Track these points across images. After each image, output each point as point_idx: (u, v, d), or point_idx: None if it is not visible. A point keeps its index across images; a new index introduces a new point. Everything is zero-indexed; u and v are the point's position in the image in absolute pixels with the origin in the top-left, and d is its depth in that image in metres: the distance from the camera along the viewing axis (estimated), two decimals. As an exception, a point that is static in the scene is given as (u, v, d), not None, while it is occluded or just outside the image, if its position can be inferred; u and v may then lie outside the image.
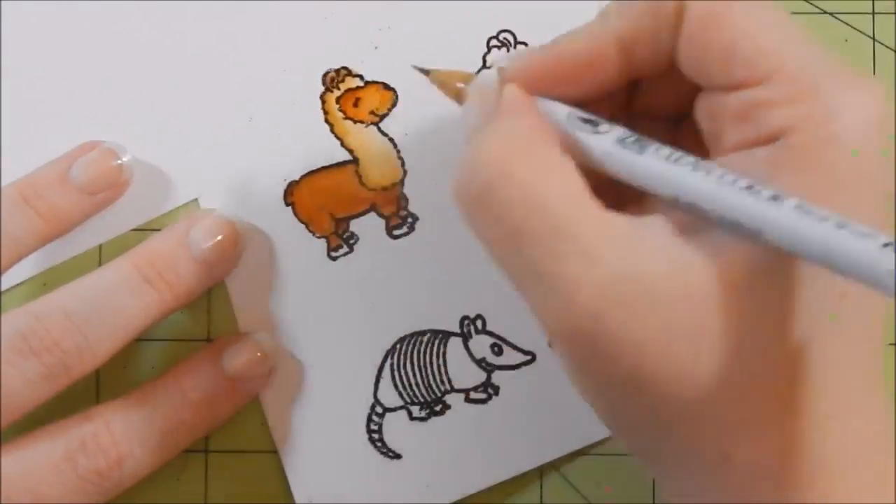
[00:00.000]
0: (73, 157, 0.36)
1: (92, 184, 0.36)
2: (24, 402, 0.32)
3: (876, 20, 0.38)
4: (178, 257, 0.35)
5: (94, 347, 0.33)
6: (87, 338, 0.33)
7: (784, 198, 0.25)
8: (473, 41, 0.38)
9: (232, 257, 0.37)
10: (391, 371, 0.38)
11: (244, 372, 0.36)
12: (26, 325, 0.32)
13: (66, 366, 0.32)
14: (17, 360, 0.32)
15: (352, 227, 0.38)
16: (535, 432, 0.38)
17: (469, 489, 0.37)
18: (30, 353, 0.32)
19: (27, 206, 0.35)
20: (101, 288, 0.34)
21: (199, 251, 0.35)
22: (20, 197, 0.35)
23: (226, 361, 0.36)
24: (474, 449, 0.38)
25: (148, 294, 0.34)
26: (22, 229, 0.34)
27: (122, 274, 0.34)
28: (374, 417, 0.38)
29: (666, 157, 0.27)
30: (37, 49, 0.37)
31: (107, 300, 0.34)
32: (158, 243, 0.35)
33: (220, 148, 0.38)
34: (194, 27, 0.38)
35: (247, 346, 0.36)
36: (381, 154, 0.38)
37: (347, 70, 0.38)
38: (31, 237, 0.35)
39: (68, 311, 0.33)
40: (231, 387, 0.36)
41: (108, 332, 0.33)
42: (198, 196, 0.38)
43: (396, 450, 0.38)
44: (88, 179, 0.36)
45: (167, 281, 0.34)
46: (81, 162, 0.36)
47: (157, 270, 0.34)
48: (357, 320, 0.38)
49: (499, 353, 0.38)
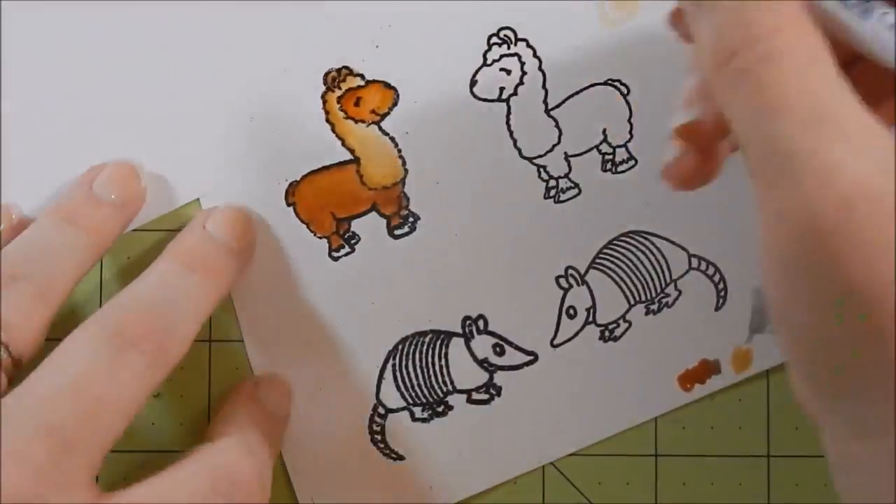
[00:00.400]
0: (89, 178, 0.36)
1: (119, 195, 0.36)
2: (134, 398, 0.32)
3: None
4: (207, 247, 0.35)
5: (180, 330, 0.33)
6: (171, 321, 0.33)
7: None
8: (474, 39, 0.38)
9: (252, 240, 0.37)
10: (393, 372, 0.38)
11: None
12: (116, 321, 0.32)
13: (164, 350, 0.32)
14: (120, 355, 0.31)
15: (353, 227, 0.38)
16: (538, 432, 0.38)
17: (471, 490, 0.38)
18: (129, 345, 0.32)
19: (74, 225, 0.35)
20: (158, 282, 0.34)
21: (220, 240, 0.36)
22: (60, 220, 0.35)
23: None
24: (477, 450, 0.38)
25: (198, 281, 0.34)
26: (78, 246, 0.35)
27: (169, 268, 0.34)
28: (376, 418, 0.38)
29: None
30: (36, 49, 0.37)
31: (169, 290, 0.34)
32: (184, 239, 0.36)
33: (221, 148, 0.38)
34: (195, 27, 0.37)
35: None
36: (381, 153, 0.38)
37: (348, 69, 0.38)
38: (90, 253, 0.35)
39: (146, 300, 0.33)
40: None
41: (184, 315, 0.33)
42: (199, 196, 0.38)
43: (399, 451, 0.38)
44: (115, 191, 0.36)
45: (209, 267, 0.35)
46: (101, 179, 0.36)
47: (196, 261, 0.35)
48: (359, 321, 0.38)
49: (501, 354, 0.38)
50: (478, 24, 0.38)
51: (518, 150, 0.38)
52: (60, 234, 0.35)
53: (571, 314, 0.38)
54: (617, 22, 0.38)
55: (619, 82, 0.38)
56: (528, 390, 0.38)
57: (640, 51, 0.38)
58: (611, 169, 0.38)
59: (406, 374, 0.38)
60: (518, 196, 0.38)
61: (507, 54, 0.38)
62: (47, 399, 0.30)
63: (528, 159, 0.38)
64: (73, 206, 0.36)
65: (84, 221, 0.35)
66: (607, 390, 0.39)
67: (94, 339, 0.32)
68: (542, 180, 0.38)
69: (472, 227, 0.38)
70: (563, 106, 0.38)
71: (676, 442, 0.39)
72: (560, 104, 0.38)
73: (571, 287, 0.38)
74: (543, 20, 0.38)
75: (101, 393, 0.31)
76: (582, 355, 0.38)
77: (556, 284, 0.38)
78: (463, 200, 0.38)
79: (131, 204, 0.36)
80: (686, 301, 0.39)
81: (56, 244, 0.34)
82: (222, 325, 0.38)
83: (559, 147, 0.38)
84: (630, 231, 0.39)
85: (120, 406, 0.31)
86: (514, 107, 0.38)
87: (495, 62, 0.38)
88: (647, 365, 0.39)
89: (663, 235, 0.39)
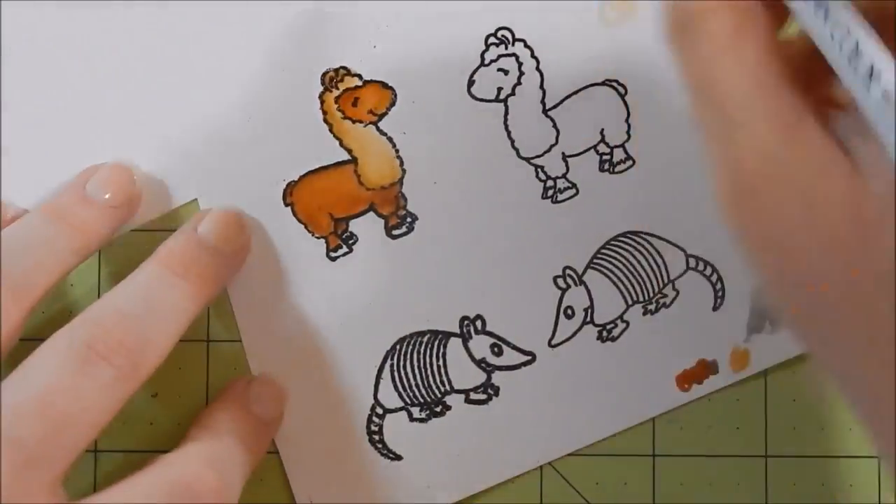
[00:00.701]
0: (84, 179, 0.36)
1: (112, 197, 0.36)
2: (102, 411, 0.31)
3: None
4: (196, 252, 0.35)
5: (155, 342, 0.33)
6: (146, 333, 0.32)
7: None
8: (472, 39, 0.38)
9: (244, 244, 0.37)
10: (391, 372, 0.38)
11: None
12: (87, 333, 0.32)
13: (134, 363, 0.32)
14: (88, 369, 0.31)
15: (351, 228, 0.38)
16: (535, 432, 0.38)
17: (469, 490, 0.37)
18: (98, 358, 0.31)
19: (61, 222, 0.35)
20: (140, 287, 0.34)
21: (211, 243, 0.35)
22: (51, 216, 0.35)
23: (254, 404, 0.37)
24: (474, 449, 0.38)
25: (183, 287, 0.34)
26: (61, 244, 0.34)
27: (154, 273, 0.34)
28: (374, 418, 0.38)
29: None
30: (35, 49, 0.37)
31: (150, 296, 0.33)
32: (174, 243, 0.35)
33: (218, 148, 0.38)
34: (193, 27, 0.37)
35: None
36: (379, 153, 0.38)
37: (346, 69, 0.38)
38: (72, 251, 0.34)
39: (122, 311, 0.33)
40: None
41: (162, 326, 0.33)
42: (197, 196, 0.38)
43: (397, 451, 0.38)
44: (108, 192, 0.36)
45: (195, 272, 0.34)
46: (95, 180, 0.36)
47: (183, 266, 0.34)
48: (356, 321, 0.38)
49: (499, 354, 0.38)
50: (475, 25, 0.38)
51: (516, 151, 0.38)
52: (46, 231, 0.34)
53: (569, 314, 0.38)
54: (615, 22, 0.38)
55: (616, 82, 0.38)
56: (526, 390, 0.38)
57: (638, 51, 0.38)
58: (609, 169, 0.38)
59: (404, 374, 0.38)
60: (516, 196, 0.38)
61: (505, 54, 0.38)
62: (12, 412, 0.30)
63: (526, 159, 0.38)
64: (64, 203, 0.35)
65: (72, 220, 0.35)
66: (605, 390, 0.39)
67: (63, 352, 0.31)
68: (539, 180, 0.38)
69: (470, 228, 0.38)
70: (560, 106, 0.38)
71: (674, 442, 0.39)
72: (558, 104, 0.38)
73: (569, 287, 0.38)
74: (541, 20, 0.38)
75: (66, 408, 0.30)
76: (580, 355, 0.38)
77: (554, 284, 0.38)
78: (461, 200, 0.38)
79: (124, 206, 0.36)
80: (684, 301, 0.39)
81: (40, 240, 0.34)
82: (220, 325, 0.38)
83: (557, 147, 0.38)
84: (628, 231, 0.39)
85: (87, 420, 0.31)
86: (511, 107, 0.38)
87: (493, 62, 0.38)
88: (645, 365, 0.39)
89: (661, 236, 0.39)
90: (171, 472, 0.32)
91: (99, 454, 0.38)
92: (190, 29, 0.37)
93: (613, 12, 0.38)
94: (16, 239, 0.34)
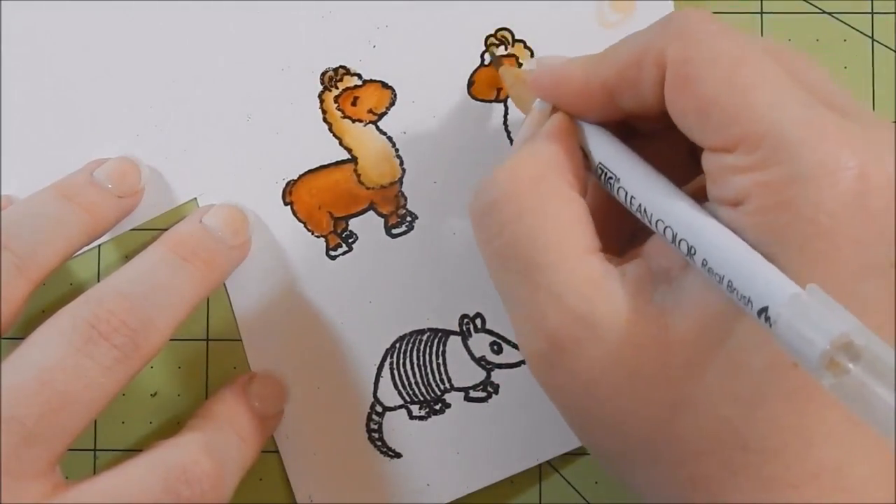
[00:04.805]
0: (93, 166, 0.36)
1: (117, 187, 0.36)
2: (102, 391, 0.31)
3: (875, 20, 0.38)
4: (203, 238, 0.35)
5: (158, 323, 0.32)
6: (149, 315, 0.32)
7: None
8: (471, 39, 0.38)
9: (247, 238, 0.37)
10: (391, 370, 0.38)
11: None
12: (90, 313, 0.32)
13: (136, 344, 0.32)
14: (90, 349, 0.31)
15: (351, 227, 0.38)
16: (535, 431, 0.38)
17: (468, 488, 0.37)
18: (100, 338, 0.31)
19: (71, 201, 0.35)
20: (145, 270, 0.34)
21: (217, 233, 0.36)
22: (62, 195, 0.35)
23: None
24: (474, 447, 0.38)
25: (189, 271, 0.34)
26: (71, 222, 0.34)
27: (160, 256, 0.34)
28: (373, 416, 0.38)
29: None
30: (36, 48, 0.37)
31: (155, 279, 0.33)
32: (182, 227, 0.36)
33: (218, 147, 0.38)
34: (192, 26, 0.38)
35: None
36: (379, 153, 0.38)
37: (346, 69, 0.38)
38: (80, 231, 0.34)
39: (125, 292, 0.32)
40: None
41: (165, 307, 0.33)
42: (196, 196, 0.38)
43: (396, 449, 0.38)
44: (113, 183, 0.36)
45: (202, 258, 0.35)
46: (103, 168, 0.36)
47: (190, 250, 0.34)
48: (356, 319, 0.38)
49: (498, 352, 0.38)
50: (475, 25, 0.38)
51: (515, 150, 0.38)
52: (55, 208, 0.34)
53: (569, 313, 0.38)
54: (614, 23, 0.38)
55: (616, 82, 0.38)
56: (526, 388, 0.38)
57: (637, 51, 0.38)
58: (608, 168, 0.39)
59: (404, 372, 0.38)
60: (515, 195, 0.38)
61: (505, 55, 0.38)
62: (12, 390, 0.30)
63: (526, 159, 0.38)
64: (73, 184, 0.35)
65: (82, 200, 0.35)
66: (605, 389, 0.38)
67: (65, 331, 0.31)
68: (539, 179, 0.38)
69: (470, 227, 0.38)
70: (560, 106, 0.38)
71: (674, 441, 0.39)
72: (557, 104, 0.38)
73: (569, 286, 0.38)
74: (541, 21, 0.38)
75: (66, 387, 0.30)
76: (579, 354, 0.38)
77: (554, 283, 0.38)
78: (461, 200, 0.38)
79: (128, 198, 0.36)
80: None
81: (48, 217, 0.34)
82: (220, 323, 0.38)
83: (556, 146, 0.38)
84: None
85: (87, 399, 0.31)
86: (511, 107, 0.38)
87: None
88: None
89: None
90: (168, 456, 0.32)
91: (98, 453, 0.38)
92: (189, 28, 0.38)
93: (613, 13, 0.38)
94: (25, 213, 0.34)
